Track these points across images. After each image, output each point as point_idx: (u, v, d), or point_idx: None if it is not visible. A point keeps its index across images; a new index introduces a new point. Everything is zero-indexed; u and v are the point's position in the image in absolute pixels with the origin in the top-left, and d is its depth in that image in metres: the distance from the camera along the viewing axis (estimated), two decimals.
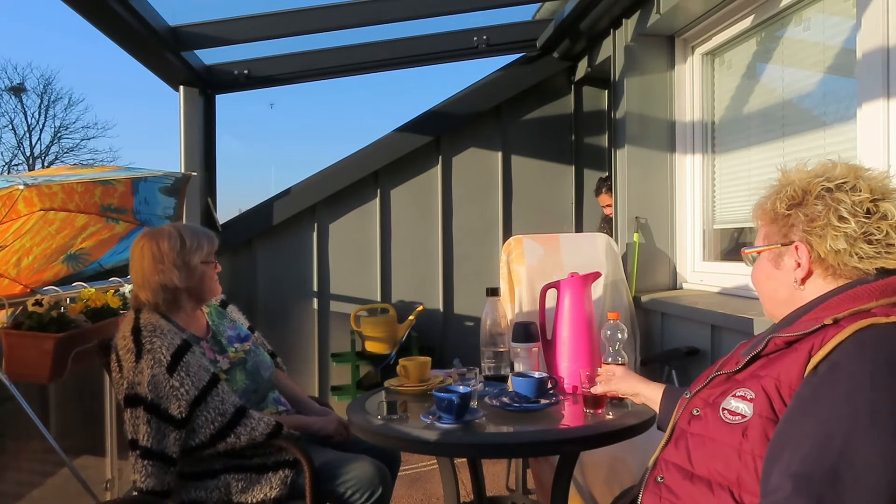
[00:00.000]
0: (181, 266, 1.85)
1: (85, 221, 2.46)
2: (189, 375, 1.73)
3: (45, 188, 2.17)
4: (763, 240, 1.20)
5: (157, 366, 1.71)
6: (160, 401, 1.70)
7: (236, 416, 1.76)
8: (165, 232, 1.88)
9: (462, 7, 3.45)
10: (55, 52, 33.20)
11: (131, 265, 1.88)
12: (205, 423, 1.73)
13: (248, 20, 3.36)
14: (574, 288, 1.92)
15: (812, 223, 1.10)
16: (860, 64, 2.02)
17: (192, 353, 1.77)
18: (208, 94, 3.87)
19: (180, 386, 1.71)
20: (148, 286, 1.84)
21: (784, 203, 1.14)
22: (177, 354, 1.73)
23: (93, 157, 21.76)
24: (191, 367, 1.74)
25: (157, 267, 1.83)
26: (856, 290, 1.06)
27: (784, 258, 1.15)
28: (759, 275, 1.22)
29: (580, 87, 4.18)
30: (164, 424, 1.70)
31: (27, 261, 2.38)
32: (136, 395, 1.71)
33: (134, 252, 1.88)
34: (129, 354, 1.74)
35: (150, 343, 1.73)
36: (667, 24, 3.04)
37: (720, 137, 3.05)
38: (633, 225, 3.19)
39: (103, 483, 2.85)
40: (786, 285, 1.15)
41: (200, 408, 1.72)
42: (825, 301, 1.09)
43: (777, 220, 1.16)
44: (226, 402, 1.76)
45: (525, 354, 1.95)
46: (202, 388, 1.73)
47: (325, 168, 4.02)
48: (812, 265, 1.11)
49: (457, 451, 1.67)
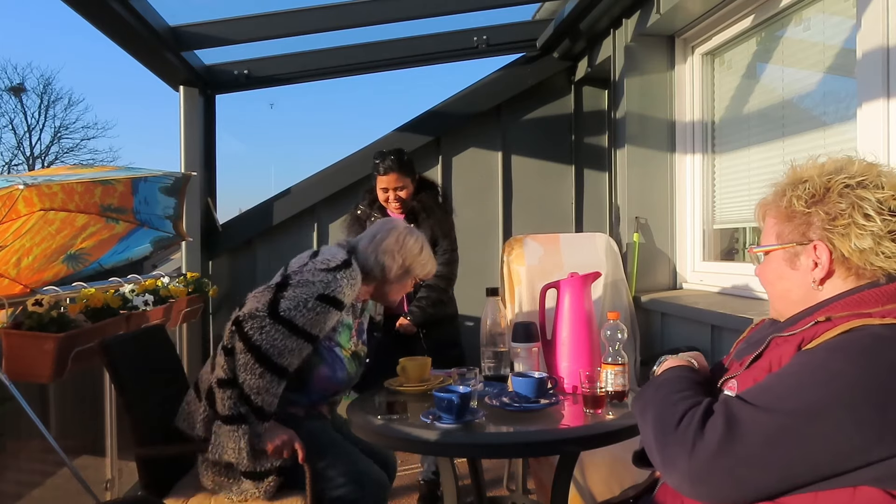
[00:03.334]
0: (404, 270, 1.99)
1: (85, 221, 2.46)
2: (318, 321, 1.76)
3: (45, 188, 2.17)
4: (776, 238, 1.14)
5: (311, 297, 1.76)
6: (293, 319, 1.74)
7: (279, 373, 1.73)
8: (417, 237, 2.03)
9: (462, 7, 3.45)
10: (55, 52, 33.26)
11: (389, 230, 2.00)
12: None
13: (248, 20, 3.36)
14: (574, 288, 1.92)
15: (834, 221, 1.05)
16: (860, 64, 2.02)
17: (336, 316, 1.83)
18: (208, 94, 3.87)
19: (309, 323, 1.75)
20: (380, 252, 1.95)
21: (802, 200, 1.09)
22: (325, 298, 1.77)
23: (93, 157, 21.77)
24: (328, 320, 1.79)
25: (397, 251, 1.96)
26: (863, 294, 1.04)
27: (801, 258, 1.11)
28: (770, 274, 1.17)
29: (580, 87, 4.18)
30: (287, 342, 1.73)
31: (27, 261, 2.38)
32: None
33: (399, 225, 2.05)
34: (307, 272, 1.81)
35: (338, 282, 1.80)
36: (667, 24, 3.04)
37: (720, 137, 3.05)
38: (633, 225, 3.19)
39: (103, 483, 2.85)
40: (801, 285, 1.11)
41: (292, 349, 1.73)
42: (832, 303, 1.07)
43: (793, 218, 1.11)
44: (292, 357, 1.74)
45: (525, 354, 1.94)
46: (309, 335, 1.76)
47: (325, 168, 4.02)
48: (833, 265, 1.07)
49: (457, 451, 1.67)
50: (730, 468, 0.94)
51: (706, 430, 0.98)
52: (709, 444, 0.96)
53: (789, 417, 0.92)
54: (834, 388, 0.91)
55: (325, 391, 1.95)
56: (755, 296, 2.60)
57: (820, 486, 0.93)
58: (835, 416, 0.90)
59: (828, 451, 0.90)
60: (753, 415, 0.95)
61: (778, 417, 0.93)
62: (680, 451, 0.99)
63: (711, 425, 0.97)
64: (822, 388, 0.92)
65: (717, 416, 0.98)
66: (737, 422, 0.96)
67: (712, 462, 0.95)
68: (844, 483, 0.92)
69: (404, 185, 2.76)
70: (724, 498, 0.97)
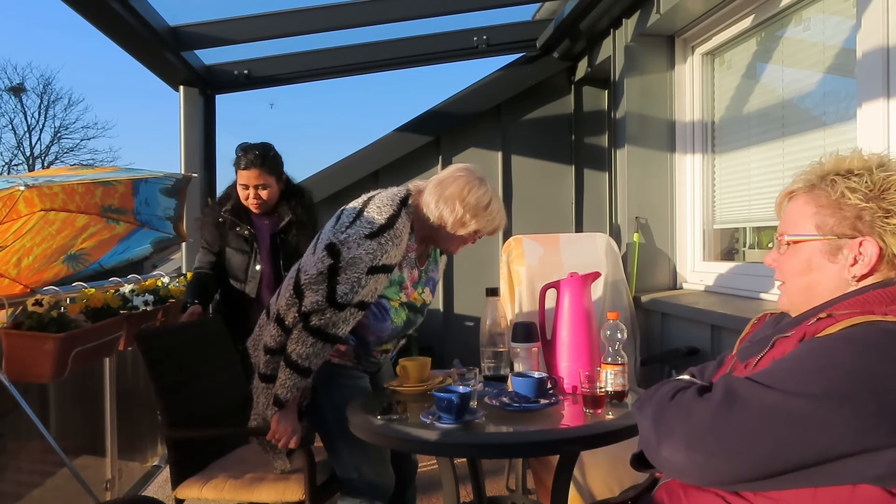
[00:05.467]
0: (462, 223, 1.83)
1: (85, 222, 2.46)
2: (371, 291, 1.77)
3: (45, 189, 2.17)
4: (815, 228, 1.10)
5: (366, 252, 1.74)
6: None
7: (332, 341, 1.78)
8: (487, 190, 1.84)
9: (462, 7, 3.45)
10: (55, 51, 33.25)
11: (453, 178, 1.85)
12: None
13: (248, 20, 3.36)
14: (574, 288, 1.92)
15: (888, 218, 1.04)
16: (860, 64, 2.02)
17: (384, 276, 1.79)
18: (208, 94, 3.87)
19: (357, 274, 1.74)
20: (441, 199, 1.82)
21: (859, 193, 1.06)
22: (375, 269, 1.75)
23: (93, 157, 21.76)
24: (379, 286, 1.79)
25: (455, 198, 1.81)
26: (868, 295, 1.04)
27: (843, 251, 1.07)
28: (799, 265, 1.13)
29: (580, 87, 4.18)
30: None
31: (27, 261, 2.38)
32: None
33: (472, 172, 1.86)
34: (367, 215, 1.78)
35: (382, 249, 1.75)
36: (667, 24, 3.04)
37: (720, 137, 3.05)
38: (633, 225, 3.19)
39: (103, 483, 2.86)
40: (835, 279, 1.09)
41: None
42: (836, 303, 1.07)
43: (841, 210, 1.07)
44: (346, 325, 1.76)
45: (525, 354, 1.94)
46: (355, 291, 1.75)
47: (325, 168, 4.03)
48: (880, 262, 1.06)
49: (457, 451, 1.67)
50: (725, 435, 0.95)
51: (703, 399, 1.00)
52: (705, 409, 0.98)
53: (789, 397, 0.93)
54: (837, 376, 0.92)
55: (373, 338, 1.93)
56: (755, 296, 2.60)
57: (819, 482, 0.93)
58: (835, 401, 0.90)
59: (822, 434, 0.90)
60: (753, 390, 0.97)
61: (777, 395, 0.94)
62: (676, 419, 1.01)
63: (709, 395, 1.00)
64: (825, 373, 0.93)
65: (716, 389, 1.01)
66: (735, 393, 0.97)
67: (709, 425, 0.97)
68: (844, 480, 0.92)
69: (266, 183, 2.57)
70: (717, 470, 0.97)
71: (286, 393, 1.78)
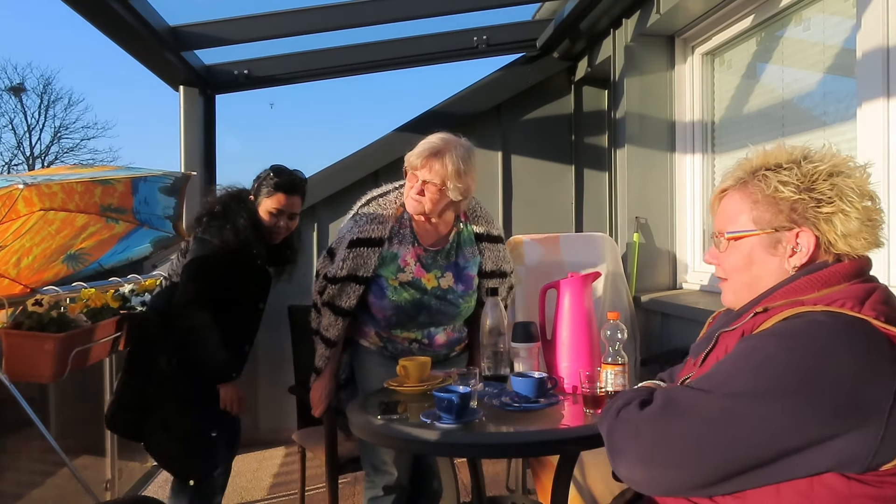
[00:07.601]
0: (467, 184, 2.02)
1: (85, 221, 2.45)
2: (358, 265, 2.01)
3: (44, 188, 2.17)
4: (752, 223, 1.12)
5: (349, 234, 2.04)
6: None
7: (343, 314, 2.05)
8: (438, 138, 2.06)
9: (462, 7, 3.45)
10: (55, 51, 33.24)
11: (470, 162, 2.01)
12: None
13: (248, 20, 3.36)
14: (574, 288, 1.92)
15: (819, 207, 1.05)
16: (860, 64, 2.02)
17: (377, 252, 2.01)
18: (208, 94, 3.87)
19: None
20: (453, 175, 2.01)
21: (791, 186, 1.07)
22: (355, 243, 2.00)
23: (93, 157, 21.76)
24: (368, 260, 2.00)
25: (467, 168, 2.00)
26: (798, 282, 1.06)
27: (781, 244, 1.10)
28: (740, 260, 1.15)
29: (580, 87, 4.18)
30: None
31: (27, 261, 2.38)
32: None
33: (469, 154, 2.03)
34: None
35: (357, 224, 2.04)
36: (667, 24, 3.04)
37: (720, 137, 3.05)
38: (633, 225, 3.19)
39: (103, 483, 2.86)
40: (776, 271, 1.11)
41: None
42: (770, 294, 1.09)
43: (777, 203, 1.09)
44: (350, 299, 2.03)
45: (525, 354, 1.94)
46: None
47: (325, 168, 4.02)
48: (817, 251, 1.07)
49: (457, 451, 1.67)
50: (672, 446, 0.97)
51: (644, 412, 1.03)
52: (646, 423, 1.01)
53: (727, 399, 0.95)
54: (771, 373, 0.94)
55: (379, 316, 2.07)
56: None
57: (778, 478, 0.94)
58: (771, 398, 0.92)
59: (765, 431, 0.92)
60: (692, 397, 0.99)
61: (716, 399, 0.96)
62: (624, 436, 1.04)
63: (649, 408, 1.03)
64: (759, 371, 0.95)
65: (655, 400, 1.04)
66: (675, 402, 1.00)
67: (655, 438, 0.99)
68: (801, 473, 0.93)
69: (297, 213, 2.38)
70: (675, 482, 0.99)
71: (319, 360, 2.11)
